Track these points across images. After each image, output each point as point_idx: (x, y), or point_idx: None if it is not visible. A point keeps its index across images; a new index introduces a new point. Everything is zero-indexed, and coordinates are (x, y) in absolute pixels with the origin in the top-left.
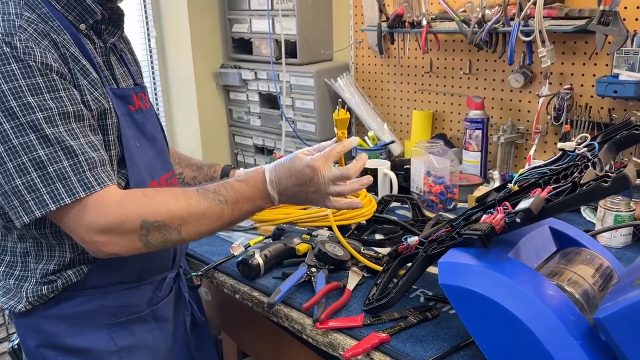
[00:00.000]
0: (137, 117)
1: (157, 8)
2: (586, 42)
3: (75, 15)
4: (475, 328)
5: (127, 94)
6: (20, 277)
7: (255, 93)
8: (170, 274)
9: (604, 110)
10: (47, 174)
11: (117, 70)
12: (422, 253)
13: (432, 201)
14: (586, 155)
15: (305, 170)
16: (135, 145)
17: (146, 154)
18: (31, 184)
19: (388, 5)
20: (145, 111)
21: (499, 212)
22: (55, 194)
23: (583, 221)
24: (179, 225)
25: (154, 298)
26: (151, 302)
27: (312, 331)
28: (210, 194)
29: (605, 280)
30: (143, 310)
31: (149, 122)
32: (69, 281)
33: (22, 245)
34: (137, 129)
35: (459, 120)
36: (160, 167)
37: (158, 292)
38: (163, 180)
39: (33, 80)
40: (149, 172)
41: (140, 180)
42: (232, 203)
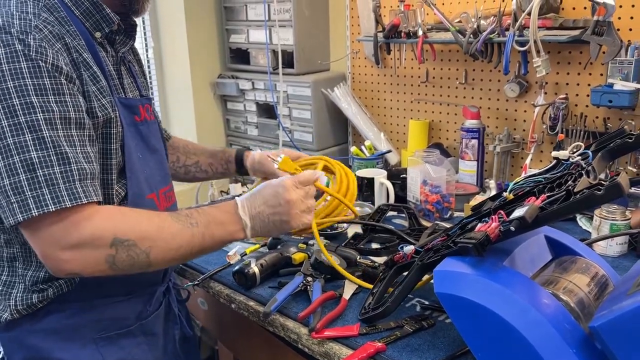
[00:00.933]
0: (142, 128)
1: (155, 19)
2: (581, 52)
3: (92, 23)
4: (471, 337)
5: (133, 104)
6: (8, 282)
7: (252, 103)
8: (160, 287)
9: (599, 119)
10: (36, 177)
11: (126, 80)
12: (418, 262)
13: (428, 210)
14: (580, 164)
15: (278, 190)
16: (138, 156)
17: (147, 165)
18: (18, 185)
19: (384, 15)
20: (150, 123)
21: (494, 220)
22: (40, 200)
23: (579, 230)
24: (149, 247)
25: (144, 312)
26: (140, 316)
27: (308, 341)
28: (183, 217)
29: (601, 289)
30: (132, 325)
31: (152, 134)
32: (61, 290)
33: (9, 250)
34: (140, 139)
35: (455, 130)
36: (159, 179)
37: (148, 305)
38: (162, 193)
39: (40, 80)
40: (148, 184)
41: (138, 192)
42: (204, 227)
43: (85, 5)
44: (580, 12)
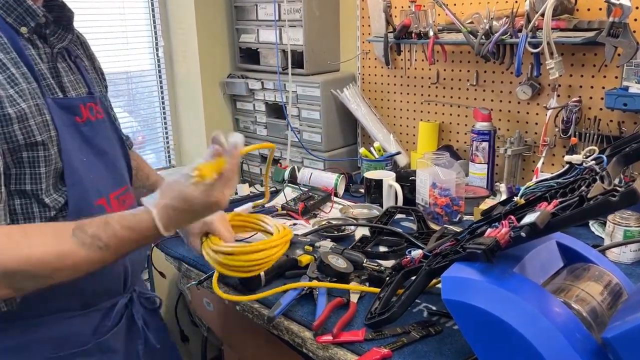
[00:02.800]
0: (84, 129)
1: (165, 18)
2: (595, 54)
3: (15, 18)
4: (478, 345)
5: (73, 104)
6: None
7: (261, 103)
8: (122, 299)
9: (613, 123)
10: None
11: (66, 77)
12: (426, 267)
13: (437, 213)
14: (594, 169)
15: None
16: (81, 160)
17: (94, 169)
18: None
19: (395, 16)
20: (96, 123)
21: (504, 225)
22: None
23: (592, 236)
24: (51, 273)
25: (101, 327)
26: (97, 332)
27: (312, 345)
28: (89, 238)
29: (614, 298)
30: (88, 342)
31: (99, 134)
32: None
33: None
34: (83, 142)
35: (465, 132)
36: (110, 183)
37: (106, 320)
38: (113, 198)
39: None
40: (96, 189)
41: (82, 198)
42: (115, 248)
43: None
44: (595, 13)
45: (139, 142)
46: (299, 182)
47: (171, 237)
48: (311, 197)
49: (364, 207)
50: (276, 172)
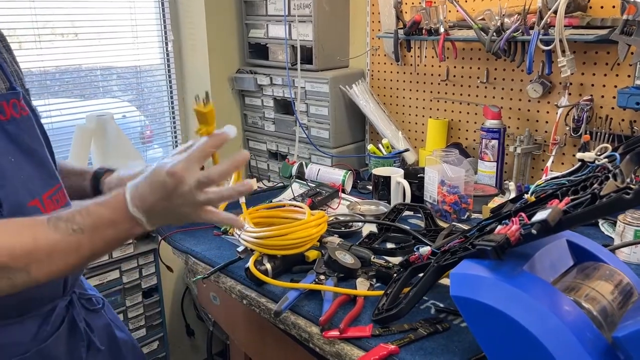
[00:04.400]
0: (8, 127)
1: (175, 12)
2: (608, 52)
3: None
4: (487, 343)
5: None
6: None
7: (270, 98)
8: (61, 302)
9: (625, 122)
10: None
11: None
12: (434, 264)
13: (445, 211)
14: (607, 167)
15: (167, 180)
16: (9, 160)
17: (23, 169)
18: None
19: (405, 12)
20: (20, 120)
21: (514, 223)
22: None
23: (601, 235)
24: (26, 265)
25: (41, 333)
26: (37, 338)
27: (319, 340)
28: (63, 223)
29: (625, 298)
30: (27, 350)
31: (25, 132)
32: None
33: None
34: (9, 141)
35: (475, 130)
36: (41, 183)
37: (45, 325)
38: (46, 198)
39: None
40: (28, 190)
41: (16, 200)
42: (90, 231)
43: None
44: (608, 10)
45: (147, 136)
46: (306, 178)
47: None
48: (319, 193)
49: (372, 204)
50: (284, 168)
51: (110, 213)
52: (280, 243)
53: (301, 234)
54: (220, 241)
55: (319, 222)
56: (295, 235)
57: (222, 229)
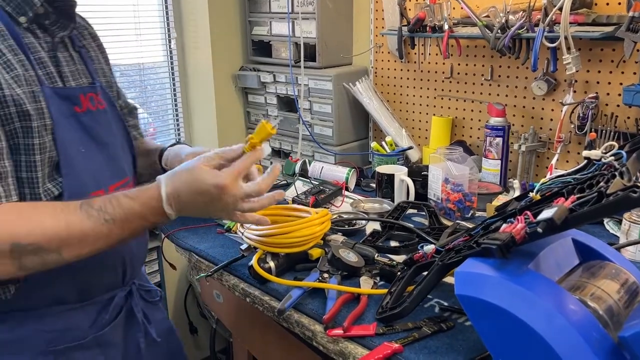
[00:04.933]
0: (84, 119)
1: (178, 9)
2: (613, 50)
3: (14, 7)
4: (491, 342)
5: (72, 94)
6: None
7: (273, 96)
8: (120, 292)
9: (631, 120)
10: None
11: (67, 67)
12: (439, 262)
13: (449, 209)
14: (613, 165)
15: (212, 190)
16: (79, 150)
17: (93, 160)
18: None
19: (409, 9)
20: (96, 113)
21: (520, 221)
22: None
23: (606, 234)
24: (58, 247)
25: (99, 321)
26: (95, 325)
27: (323, 338)
28: (95, 212)
29: (631, 296)
30: (85, 336)
31: (100, 125)
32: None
33: None
34: (83, 132)
35: (479, 127)
36: (109, 175)
37: (104, 314)
38: (112, 190)
39: None
40: (95, 180)
41: (79, 190)
42: (121, 222)
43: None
44: (614, 7)
45: (150, 133)
46: (309, 175)
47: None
48: (322, 190)
49: (375, 202)
50: (287, 166)
51: (141, 208)
52: (284, 241)
53: (305, 232)
54: (223, 239)
55: (322, 220)
56: (299, 233)
57: (225, 227)
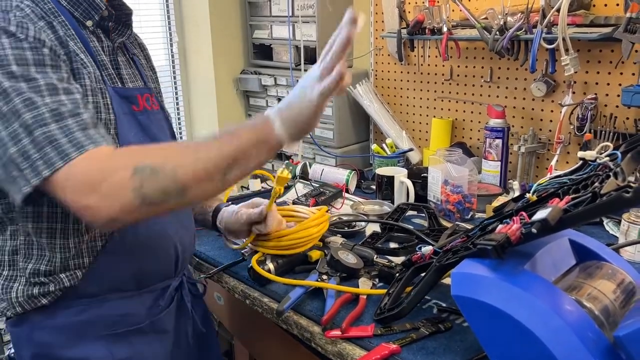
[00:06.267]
0: (140, 117)
1: (179, 14)
2: (612, 51)
3: (81, 12)
4: (488, 342)
5: (130, 94)
6: (9, 277)
7: (274, 99)
8: (173, 282)
9: (630, 120)
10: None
11: (125, 70)
12: (436, 263)
13: (449, 210)
14: (608, 165)
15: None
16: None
17: None
18: (24, 150)
19: (408, 12)
20: (151, 112)
21: (515, 222)
22: (47, 159)
23: (606, 234)
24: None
25: (154, 308)
26: (151, 312)
27: (321, 339)
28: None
29: (627, 297)
30: (142, 322)
31: (154, 124)
32: (63, 285)
33: (12, 243)
34: (140, 129)
35: (479, 129)
36: None
37: (160, 300)
38: None
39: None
40: None
41: None
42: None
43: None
44: (612, 9)
45: None
46: (310, 177)
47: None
48: (322, 193)
49: (375, 204)
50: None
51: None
52: (282, 243)
53: (302, 233)
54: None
55: (319, 221)
56: (296, 235)
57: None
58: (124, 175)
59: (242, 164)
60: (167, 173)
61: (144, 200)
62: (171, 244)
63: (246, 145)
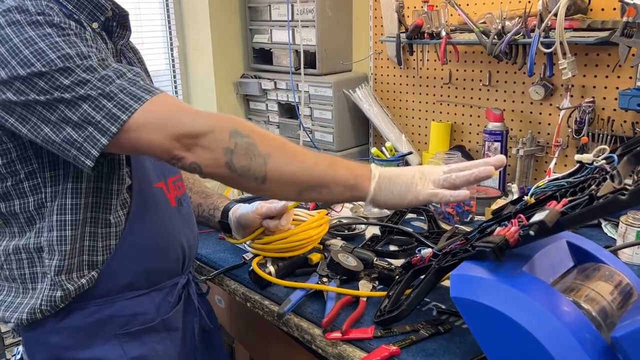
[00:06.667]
0: None
1: (180, 18)
2: (609, 54)
3: (87, 14)
4: (487, 343)
5: None
6: (32, 275)
7: (274, 103)
8: (181, 280)
9: (627, 123)
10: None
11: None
12: (435, 265)
13: (448, 213)
14: (604, 168)
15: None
16: None
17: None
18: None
19: (407, 16)
20: None
21: (514, 224)
22: (122, 104)
23: (604, 237)
24: (268, 153)
25: (164, 305)
26: (161, 309)
27: (322, 342)
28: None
29: (625, 298)
30: (154, 320)
31: None
32: (82, 288)
33: (37, 240)
34: None
35: (477, 132)
36: (168, 169)
37: (170, 298)
38: (171, 182)
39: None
40: (156, 172)
41: (145, 180)
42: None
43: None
44: (609, 13)
45: None
46: None
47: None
48: None
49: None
50: None
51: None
52: (282, 246)
53: (302, 235)
54: (224, 245)
55: (319, 222)
56: (296, 237)
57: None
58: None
59: (324, 192)
60: (258, 154)
61: (229, 165)
62: (178, 241)
63: (337, 179)
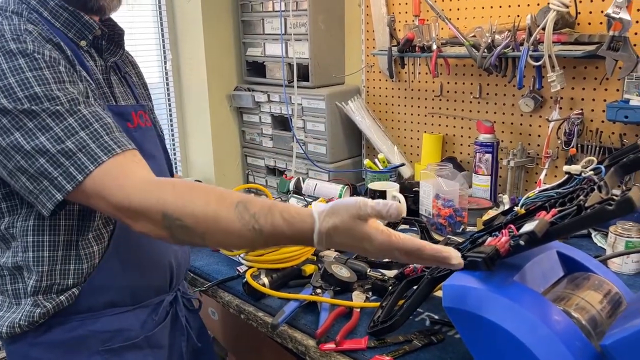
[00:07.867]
0: (135, 134)
1: (173, 31)
2: (596, 67)
3: (75, 32)
4: (479, 353)
5: (125, 111)
6: (15, 291)
7: (267, 115)
8: (168, 297)
9: (615, 135)
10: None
11: (117, 88)
12: (428, 276)
13: (440, 224)
14: (592, 179)
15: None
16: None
17: None
18: (54, 160)
19: (399, 30)
20: (145, 129)
21: (504, 234)
22: (79, 164)
23: (594, 247)
24: (203, 233)
25: (149, 322)
26: (145, 326)
27: (316, 353)
28: (248, 216)
29: (614, 307)
30: (137, 337)
31: (148, 140)
32: (61, 305)
33: (22, 256)
34: (135, 146)
35: (469, 144)
36: None
37: (154, 315)
38: None
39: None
40: None
41: None
42: (267, 236)
43: (64, 16)
44: (595, 27)
45: None
46: (303, 192)
47: None
48: None
49: None
50: (281, 183)
51: (291, 234)
52: (276, 257)
53: (295, 247)
54: (218, 257)
55: None
56: (290, 249)
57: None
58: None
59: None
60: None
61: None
62: (165, 259)
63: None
